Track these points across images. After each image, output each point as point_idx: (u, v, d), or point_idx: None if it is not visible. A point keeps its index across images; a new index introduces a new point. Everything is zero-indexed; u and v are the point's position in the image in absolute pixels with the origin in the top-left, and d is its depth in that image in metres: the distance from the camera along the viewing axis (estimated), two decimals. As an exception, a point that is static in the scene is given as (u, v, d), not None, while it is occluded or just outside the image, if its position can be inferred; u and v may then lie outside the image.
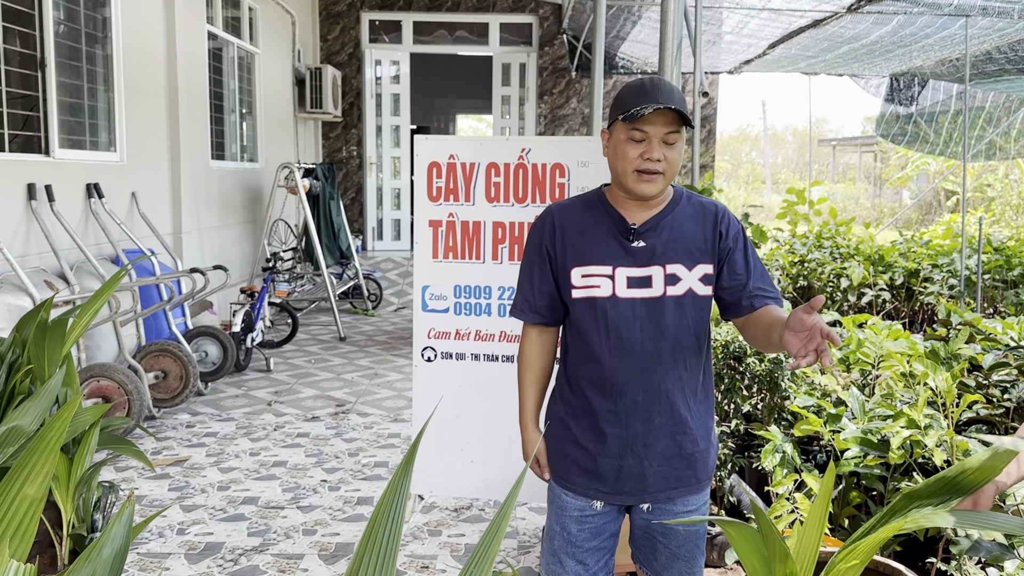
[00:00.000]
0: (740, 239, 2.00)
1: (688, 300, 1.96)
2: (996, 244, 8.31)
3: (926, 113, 11.30)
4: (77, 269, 5.20)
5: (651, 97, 1.85)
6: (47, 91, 5.20)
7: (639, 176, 1.90)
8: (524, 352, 2.15)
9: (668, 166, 1.90)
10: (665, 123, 1.87)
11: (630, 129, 1.89)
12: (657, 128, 1.88)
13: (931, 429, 2.85)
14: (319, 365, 6.83)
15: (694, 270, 1.96)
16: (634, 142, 1.90)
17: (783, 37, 8.22)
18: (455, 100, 18.01)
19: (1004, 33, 7.56)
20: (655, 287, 1.95)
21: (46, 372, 3.00)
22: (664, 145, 1.89)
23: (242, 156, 8.93)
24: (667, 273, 1.95)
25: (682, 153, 1.94)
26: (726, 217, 2.01)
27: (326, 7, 11.14)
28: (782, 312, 1.92)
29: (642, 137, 1.89)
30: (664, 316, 1.94)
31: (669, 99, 1.85)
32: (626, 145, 1.91)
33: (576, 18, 9.76)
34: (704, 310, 2.00)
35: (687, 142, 9.86)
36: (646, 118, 1.87)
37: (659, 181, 1.91)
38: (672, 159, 1.90)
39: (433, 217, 3.53)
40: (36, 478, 1.28)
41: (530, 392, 2.15)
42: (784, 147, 40.80)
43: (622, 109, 1.90)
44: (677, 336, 1.95)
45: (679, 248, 1.96)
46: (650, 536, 2.07)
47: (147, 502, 3.99)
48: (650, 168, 1.89)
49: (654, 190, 1.92)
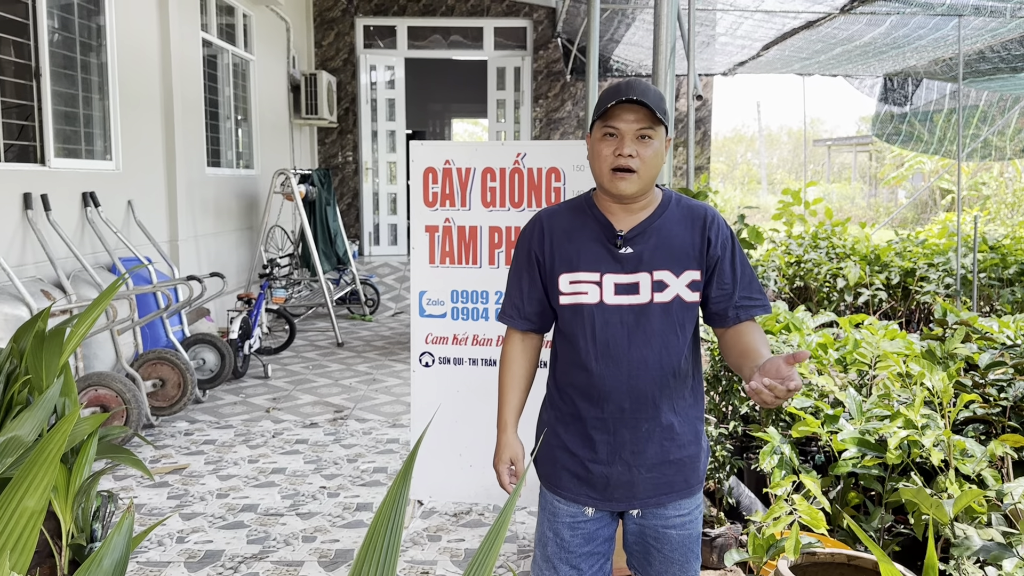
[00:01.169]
0: (729, 245, 1.99)
1: (675, 306, 1.95)
2: (992, 242, 8.33)
3: (920, 112, 11.33)
4: (74, 278, 5.20)
5: (623, 94, 1.87)
6: (42, 100, 5.20)
7: (614, 175, 1.91)
8: (506, 356, 2.13)
9: (642, 164, 1.90)
10: (636, 119, 1.88)
11: (603, 127, 1.92)
12: (628, 124, 1.89)
13: (928, 429, 2.86)
14: (317, 371, 6.82)
15: (681, 276, 1.96)
16: (608, 140, 1.92)
17: (777, 38, 8.24)
18: (451, 104, 18.02)
19: (997, 33, 7.58)
20: (642, 294, 1.95)
21: (44, 382, 3.00)
22: (637, 141, 1.90)
23: (238, 163, 8.93)
24: (654, 280, 1.95)
25: (661, 153, 1.93)
26: (715, 223, 2.00)
27: (320, 13, 11.16)
28: (759, 340, 1.94)
29: (615, 133, 1.90)
30: (651, 323, 1.94)
31: (641, 95, 1.87)
32: (600, 143, 1.93)
33: (570, 22, 9.77)
34: (692, 316, 2.00)
35: (683, 144, 9.84)
36: (617, 114, 1.89)
37: (634, 180, 1.91)
38: (646, 157, 1.90)
39: (429, 222, 3.54)
40: (36, 490, 1.29)
41: (510, 396, 2.11)
42: (779, 148, 40.87)
43: (597, 109, 1.93)
44: (664, 343, 1.95)
45: (666, 254, 1.95)
46: (643, 542, 2.06)
47: (146, 511, 3.99)
48: (623, 164, 1.89)
49: (629, 189, 1.91)
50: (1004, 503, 2.59)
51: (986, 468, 2.77)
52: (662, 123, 1.90)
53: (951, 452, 2.81)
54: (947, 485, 2.72)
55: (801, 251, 8.18)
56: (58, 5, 5.45)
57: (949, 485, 2.71)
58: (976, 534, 2.39)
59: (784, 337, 4.06)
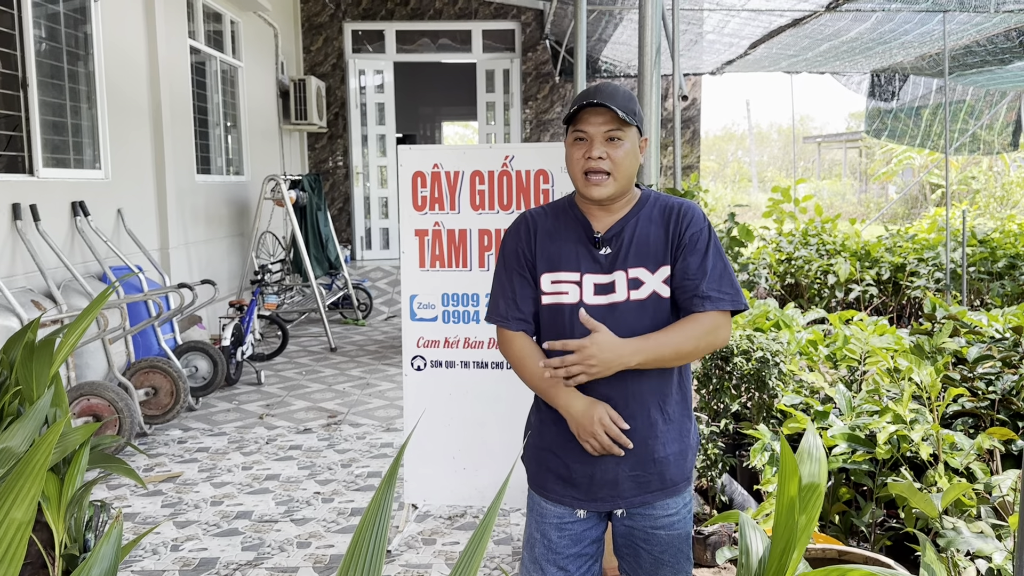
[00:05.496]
0: (701, 238, 1.96)
1: (651, 303, 1.96)
2: (981, 236, 8.37)
3: (907, 108, 11.38)
4: (64, 288, 5.19)
5: (587, 98, 1.90)
6: (30, 110, 5.19)
7: (587, 179, 1.94)
8: (517, 350, 2.03)
9: (614, 166, 1.92)
10: (603, 122, 1.92)
11: (573, 131, 1.96)
12: (596, 127, 1.92)
13: (917, 424, 2.88)
14: (310, 377, 6.82)
15: (657, 273, 1.97)
16: (578, 144, 1.95)
17: (764, 36, 8.27)
18: (440, 107, 18.02)
19: (982, 27, 7.62)
20: (618, 292, 1.96)
21: (35, 392, 3.00)
22: (607, 143, 1.93)
23: (228, 169, 8.92)
24: (629, 278, 1.96)
25: (634, 154, 1.95)
26: (686, 216, 1.98)
27: (308, 18, 11.15)
28: (677, 325, 1.94)
29: (584, 137, 1.94)
30: (628, 321, 1.94)
31: (606, 98, 1.89)
32: (572, 148, 1.97)
33: (558, 23, 9.79)
34: (670, 312, 1.99)
35: (671, 144, 9.86)
36: (584, 118, 1.93)
37: (608, 183, 1.93)
38: (617, 158, 1.92)
39: (419, 226, 3.55)
40: (23, 502, 1.29)
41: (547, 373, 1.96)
42: (770, 145, 40.98)
43: (567, 115, 1.97)
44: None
45: (641, 252, 1.97)
46: (633, 544, 2.06)
47: (140, 519, 3.99)
48: (594, 167, 1.92)
49: (603, 192, 1.94)
50: (993, 496, 2.61)
51: (975, 461, 2.79)
52: (630, 124, 1.92)
53: (940, 446, 2.83)
54: (936, 479, 2.73)
55: (791, 248, 8.21)
56: (45, 15, 5.44)
57: (938, 479, 2.73)
58: (965, 527, 2.41)
59: (774, 334, 4.07)
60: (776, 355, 3.66)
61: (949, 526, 2.41)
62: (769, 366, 3.69)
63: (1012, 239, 8.39)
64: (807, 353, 4.01)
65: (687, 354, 1.94)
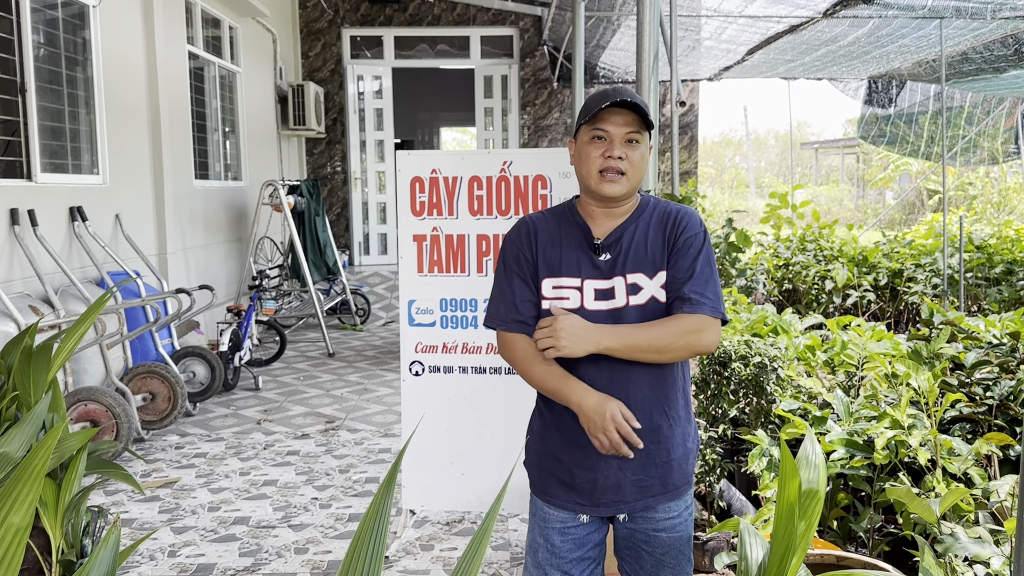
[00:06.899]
0: (695, 243, 1.97)
1: (651, 308, 1.96)
2: (978, 242, 8.38)
3: (904, 114, 11.41)
4: (62, 293, 5.18)
5: (611, 98, 1.92)
6: (28, 116, 5.19)
7: (602, 177, 1.95)
8: (522, 352, 2.00)
9: (630, 166, 1.94)
10: (626, 123, 1.94)
11: (592, 130, 1.96)
12: (618, 127, 1.94)
13: (915, 429, 2.88)
14: (308, 382, 6.81)
15: (655, 278, 1.97)
16: (596, 143, 1.96)
17: (761, 43, 8.29)
18: (439, 113, 18.05)
19: (979, 33, 7.65)
20: (618, 297, 1.97)
21: (32, 398, 2.99)
22: (626, 144, 1.95)
23: (226, 175, 8.93)
24: (628, 283, 1.97)
25: (646, 158, 1.98)
26: (683, 221, 2.00)
27: (307, 24, 11.17)
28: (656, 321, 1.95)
29: (604, 136, 1.95)
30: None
31: (632, 99, 1.92)
32: (589, 146, 1.97)
33: (556, 29, 9.82)
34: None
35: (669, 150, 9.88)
36: (606, 118, 1.94)
37: (623, 182, 1.95)
38: (634, 160, 1.95)
39: (417, 232, 3.55)
40: (20, 507, 1.29)
41: (555, 370, 1.96)
42: (767, 151, 41.05)
43: (585, 113, 1.97)
44: None
45: (640, 257, 1.98)
46: (634, 546, 2.07)
47: (137, 525, 3.98)
48: (612, 167, 1.94)
49: (618, 191, 1.95)
50: (991, 501, 2.61)
51: (973, 466, 2.79)
52: (649, 129, 1.96)
53: (938, 451, 2.83)
54: (934, 484, 2.73)
55: (789, 254, 8.22)
56: (43, 20, 5.45)
57: (936, 484, 2.73)
58: (963, 532, 2.41)
59: (772, 340, 4.08)
60: (774, 360, 3.66)
61: (947, 531, 2.41)
62: (767, 371, 3.69)
63: (1009, 245, 8.40)
64: (805, 358, 4.01)
65: (662, 348, 1.91)
